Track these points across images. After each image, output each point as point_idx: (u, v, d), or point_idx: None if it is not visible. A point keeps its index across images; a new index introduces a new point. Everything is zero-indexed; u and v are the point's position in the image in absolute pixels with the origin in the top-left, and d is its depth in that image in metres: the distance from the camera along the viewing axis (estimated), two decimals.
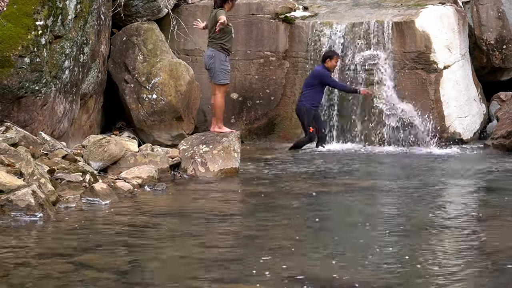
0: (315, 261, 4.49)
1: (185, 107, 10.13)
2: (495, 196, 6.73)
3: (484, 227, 5.48)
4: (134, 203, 6.34)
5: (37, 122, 8.01)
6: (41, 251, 4.63)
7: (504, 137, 9.89)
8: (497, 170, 8.26)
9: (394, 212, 6.06)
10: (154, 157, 7.79)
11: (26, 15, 7.75)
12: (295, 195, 6.79)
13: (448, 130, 10.44)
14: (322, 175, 8.10)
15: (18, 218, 5.43)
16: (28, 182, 5.91)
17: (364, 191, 7.01)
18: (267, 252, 4.62)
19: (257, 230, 5.31)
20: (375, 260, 4.46)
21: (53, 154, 7.29)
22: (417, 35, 10.39)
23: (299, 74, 10.93)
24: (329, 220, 5.79)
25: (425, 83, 10.40)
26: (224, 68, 8.77)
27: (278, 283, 4.00)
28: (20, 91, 7.72)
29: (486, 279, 4.10)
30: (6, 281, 3.97)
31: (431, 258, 4.51)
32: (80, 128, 9.37)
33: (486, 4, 11.73)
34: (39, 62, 7.81)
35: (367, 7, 11.51)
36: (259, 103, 11.03)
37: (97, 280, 4.01)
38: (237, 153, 8.27)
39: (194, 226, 5.42)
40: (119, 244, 4.83)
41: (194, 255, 4.56)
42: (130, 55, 10.27)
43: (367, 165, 8.85)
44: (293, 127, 10.89)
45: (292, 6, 11.32)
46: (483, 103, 11.49)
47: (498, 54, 11.70)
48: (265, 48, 11.04)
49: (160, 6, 10.60)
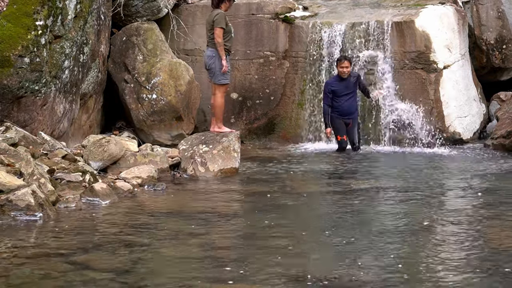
0: (315, 261, 4.49)
1: (185, 107, 10.13)
2: (495, 196, 6.73)
3: (484, 227, 5.48)
4: (134, 203, 6.34)
5: (37, 122, 8.01)
6: (41, 251, 4.63)
7: (504, 137, 9.89)
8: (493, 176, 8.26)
9: (394, 212, 6.06)
10: (154, 157, 7.79)
11: (26, 15, 7.75)
12: (295, 195, 6.79)
13: (448, 130, 10.43)
14: (323, 175, 8.10)
15: (18, 218, 5.43)
16: (28, 182, 5.91)
17: (364, 191, 7.01)
18: (267, 252, 4.62)
19: (257, 230, 5.31)
20: (375, 260, 4.46)
21: (53, 154, 7.29)
22: (417, 35, 10.39)
23: (299, 74, 10.93)
24: (329, 220, 5.79)
25: (425, 83, 10.40)
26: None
27: (278, 283, 4.00)
28: (20, 91, 7.71)
29: (486, 279, 4.10)
30: (6, 281, 3.97)
31: (431, 258, 4.51)
32: (80, 128, 9.37)
33: (486, 4, 11.73)
34: (39, 62, 7.81)
35: (367, 7, 11.51)
36: (259, 103, 11.03)
37: (97, 280, 4.01)
38: (237, 153, 8.27)
39: (194, 226, 5.41)
40: (119, 244, 4.83)
41: (194, 255, 4.56)
42: (130, 55, 10.27)
43: (367, 165, 8.84)
44: (293, 127, 10.88)
45: (292, 6, 11.32)
46: (483, 103, 11.49)
47: (498, 54, 11.70)
48: (265, 48, 11.04)
49: (160, 6, 10.60)
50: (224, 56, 8.71)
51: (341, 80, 10.00)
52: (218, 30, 8.65)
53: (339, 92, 9.99)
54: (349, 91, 10.02)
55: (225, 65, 8.69)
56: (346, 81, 10.00)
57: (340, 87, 10.00)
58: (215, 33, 8.66)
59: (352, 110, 10.05)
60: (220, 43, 8.67)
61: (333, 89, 10.00)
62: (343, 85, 10.00)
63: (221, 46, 8.68)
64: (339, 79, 10.02)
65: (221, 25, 8.67)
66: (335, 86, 10.01)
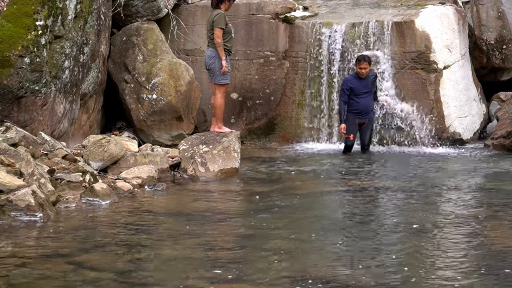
0: (315, 261, 4.49)
1: (185, 107, 10.13)
2: (495, 196, 6.73)
3: (483, 227, 5.48)
4: (134, 203, 6.35)
5: (37, 122, 8.01)
6: (41, 251, 4.63)
7: (504, 137, 9.89)
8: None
9: (393, 213, 6.06)
10: (154, 157, 7.80)
11: (26, 15, 7.75)
12: (295, 195, 6.79)
13: (448, 130, 10.43)
14: (323, 175, 8.10)
15: (18, 218, 5.43)
16: (28, 182, 5.91)
17: (363, 191, 7.01)
18: (267, 252, 4.63)
19: (257, 230, 5.31)
20: (376, 261, 4.46)
21: (53, 154, 7.29)
22: (417, 35, 10.39)
23: (299, 74, 10.93)
24: (329, 220, 5.79)
25: (425, 83, 10.40)
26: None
27: (278, 283, 4.00)
28: (20, 91, 7.72)
29: (486, 279, 4.10)
30: (6, 281, 3.97)
31: (430, 258, 4.52)
32: (80, 128, 9.37)
33: (486, 4, 11.72)
34: (39, 62, 7.81)
35: (367, 7, 11.50)
36: (259, 103, 11.03)
37: (97, 280, 4.02)
38: (237, 153, 8.27)
39: (194, 226, 5.42)
40: (119, 244, 4.83)
41: (194, 255, 4.56)
42: (130, 55, 10.27)
43: (367, 165, 8.84)
44: (293, 127, 10.88)
45: (292, 6, 11.32)
46: (483, 103, 11.48)
47: (498, 54, 11.70)
48: (265, 48, 11.04)
49: (160, 6, 10.60)
50: (223, 57, 8.72)
51: (359, 79, 9.91)
52: (217, 30, 8.66)
53: (357, 90, 9.88)
54: (367, 90, 9.95)
55: (225, 65, 8.69)
56: (364, 80, 9.92)
57: (358, 86, 9.89)
58: (215, 33, 8.67)
59: (369, 109, 9.99)
60: (220, 43, 8.68)
61: (351, 86, 9.89)
62: (362, 84, 9.91)
63: (220, 46, 8.69)
64: (358, 77, 9.93)
65: (221, 25, 8.68)
66: (353, 84, 9.89)
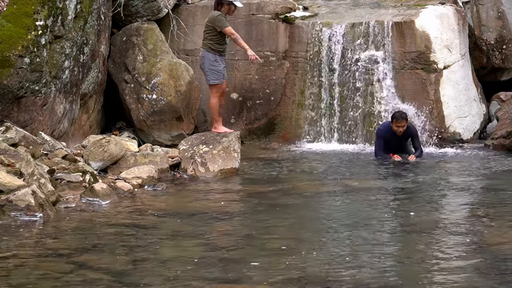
0: (315, 261, 4.49)
1: (185, 107, 10.13)
2: (495, 196, 6.73)
3: (483, 227, 5.48)
4: (134, 203, 6.35)
5: (37, 122, 8.01)
6: (41, 251, 4.63)
7: (504, 137, 9.88)
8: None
9: (393, 213, 6.06)
10: (154, 157, 7.80)
11: (26, 15, 7.75)
12: (295, 195, 6.79)
13: (448, 130, 10.43)
14: (323, 176, 8.10)
15: (18, 218, 5.43)
16: (28, 182, 5.91)
17: (363, 191, 7.00)
18: (267, 252, 4.63)
19: (257, 230, 5.31)
20: (376, 260, 4.46)
21: (53, 154, 7.29)
22: (417, 35, 10.38)
23: (299, 74, 10.92)
24: (329, 220, 5.79)
25: (425, 83, 10.39)
26: (214, 68, 8.73)
27: (278, 283, 4.00)
28: (20, 91, 7.72)
29: (486, 280, 4.10)
30: (6, 281, 3.97)
31: (430, 258, 4.52)
32: (80, 128, 9.37)
33: (486, 4, 11.72)
34: (39, 62, 7.81)
35: (367, 7, 11.50)
36: (259, 103, 11.02)
37: (97, 280, 4.02)
38: (237, 153, 8.27)
39: (194, 226, 5.42)
40: (119, 244, 4.83)
41: (194, 255, 4.56)
42: (130, 55, 10.27)
43: (367, 165, 8.84)
44: (293, 127, 10.88)
45: (292, 6, 11.31)
46: (483, 103, 11.48)
47: (498, 54, 11.70)
48: (265, 48, 11.03)
49: (160, 6, 10.60)
50: (246, 46, 8.85)
51: (395, 135, 9.17)
52: (226, 30, 8.70)
53: (390, 144, 9.24)
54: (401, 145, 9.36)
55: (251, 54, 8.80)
56: (400, 137, 9.22)
57: (392, 141, 9.21)
58: (226, 33, 8.72)
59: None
60: (236, 37, 8.77)
61: (385, 139, 9.21)
62: (396, 140, 9.22)
63: (238, 39, 8.79)
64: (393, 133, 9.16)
65: (226, 25, 8.71)
66: (387, 138, 9.22)
